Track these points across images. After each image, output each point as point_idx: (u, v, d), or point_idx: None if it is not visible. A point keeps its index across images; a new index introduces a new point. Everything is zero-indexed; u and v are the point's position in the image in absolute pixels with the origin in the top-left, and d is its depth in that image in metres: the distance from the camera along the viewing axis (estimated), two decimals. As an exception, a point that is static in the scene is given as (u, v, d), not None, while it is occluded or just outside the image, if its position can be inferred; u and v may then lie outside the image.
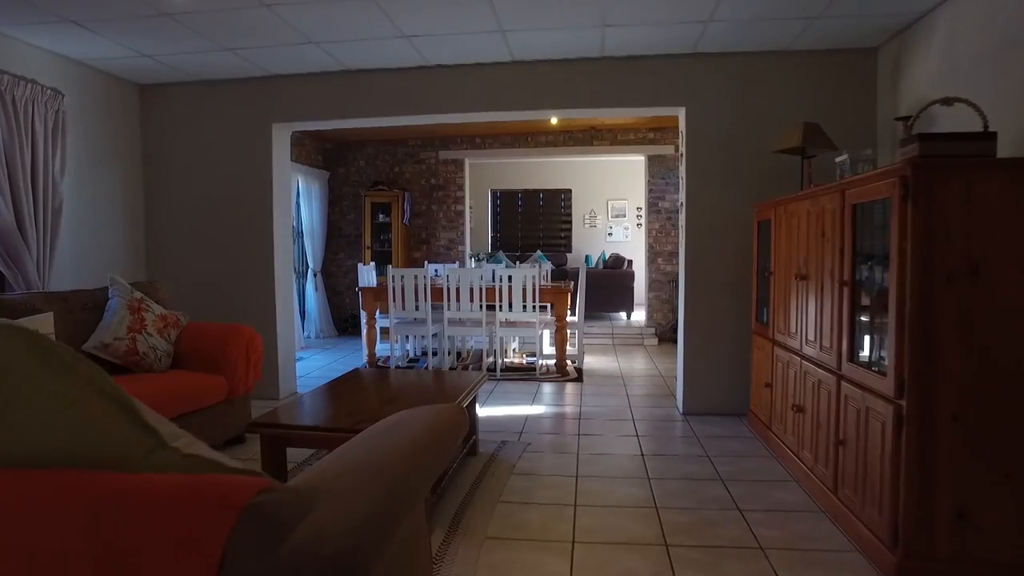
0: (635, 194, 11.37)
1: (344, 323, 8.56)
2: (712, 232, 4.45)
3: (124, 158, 4.93)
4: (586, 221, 11.65)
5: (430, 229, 8.53)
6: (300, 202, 7.93)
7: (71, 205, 4.38)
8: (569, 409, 4.72)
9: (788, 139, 3.82)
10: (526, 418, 4.46)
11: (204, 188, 5.05)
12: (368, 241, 8.30)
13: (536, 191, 11.84)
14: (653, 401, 4.95)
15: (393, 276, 5.82)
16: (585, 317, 8.86)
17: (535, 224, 11.91)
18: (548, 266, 7.05)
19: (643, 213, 8.32)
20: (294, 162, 7.72)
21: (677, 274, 8.03)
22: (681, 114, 4.57)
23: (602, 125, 7.89)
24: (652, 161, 8.07)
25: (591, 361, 6.68)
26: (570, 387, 5.48)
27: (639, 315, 9.12)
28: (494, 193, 11.94)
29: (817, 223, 2.94)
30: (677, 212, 8.01)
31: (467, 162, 8.45)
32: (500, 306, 5.71)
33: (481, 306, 5.72)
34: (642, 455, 3.64)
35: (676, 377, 4.82)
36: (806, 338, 3.08)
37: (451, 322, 5.94)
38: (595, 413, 4.59)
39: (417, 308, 5.81)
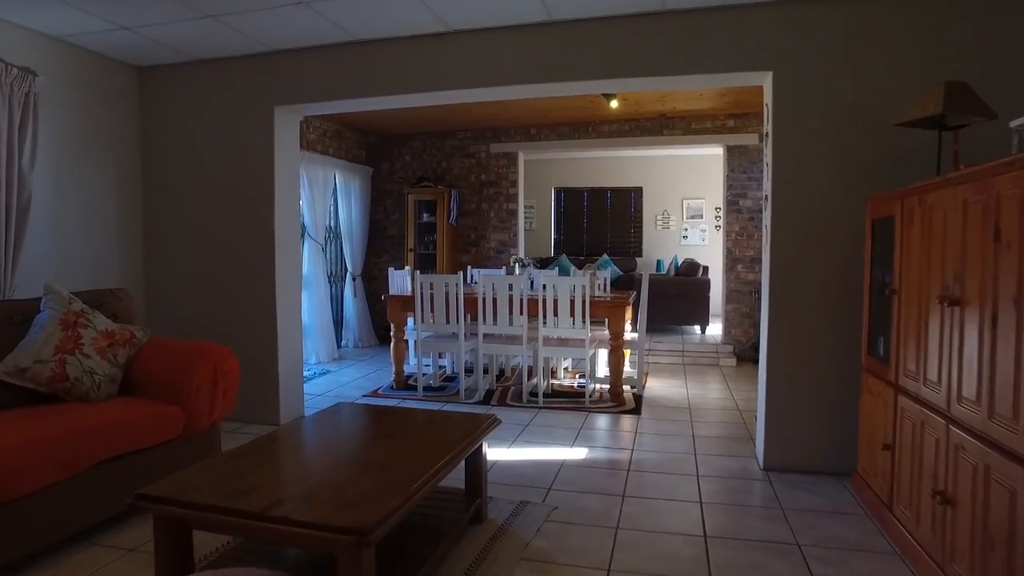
0: (714, 192, 10.18)
1: (386, 331, 7.91)
2: (807, 234, 3.40)
3: (117, 148, 4.42)
4: (658, 222, 10.56)
5: (480, 230, 7.76)
6: (338, 200, 7.35)
7: (47, 201, 3.88)
8: (617, 455, 3.78)
9: (921, 106, 2.73)
10: (561, 466, 3.57)
11: (203, 182, 4.47)
12: (411, 243, 7.63)
13: (603, 189, 10.86)
14: (726, 446, 3.93)
15: (422, 284, 5.07)
16: (653, 330, 7.85)
17: (602, 225, 10.94)
18: (606, 273, 6.10)
19: (721, 213, 7.20)
20: (332, 156, 7.15)
21: (760, 284, 6.88)
22: (767, 82, 3.55)
23: (673, 112, 6.85)
24: (732, 153, 6.95)
25: (654, 386, 5.68)
26: (625, 421, 4.52)
27: (715, 329, 7.98)
28: (558, 192, 11.06)
29: (983, 221, 1.90)
30: (761, 210, 6.86)
31: (521, 156, 7.62)
32: (544, 321, 4.84)
33: (522, 320, 4.87)
34: (704, 536, 2.67)
35: (757, 416, 3.79)
36: (958, 393, 2.04)
37: (487, 338, 5.12)
38: (650, 462, 3.63)
39: (448, 321, 5.03)
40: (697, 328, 8.03)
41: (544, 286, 4.80)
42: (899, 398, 2.53)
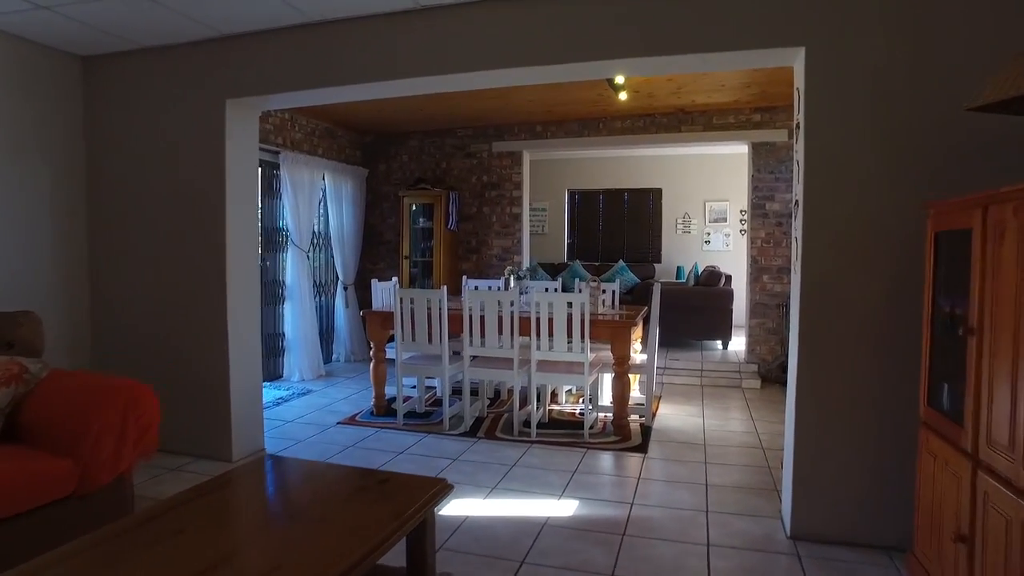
0: (739, 194, 9.45)
1: (381, 344, 7.39)
2: (846, 247, 2.74)
3: (55, 148, 3.93)
4: (679, 226, 9.87)
5: (481, 236, 7.18)
6: (328, 204, 6.84)
7: (-38, 207, 3.40)
8: (613, 511, 3.16)
9: (1006, 83, 2.07)
10: (543, 526, 2.96)
11: (150, 184, 3.96)
12: (406, 250, 7.08)
13: (620, 191, 10.21)
14: (745, 501, 3.28)
15: (401, 299, 4.50)
16: (670, 344, 7.18)
17: (618, 230, 10.28)
18: (614, 285, 5.47)
19: (746, 217, 6.51)
20: (322, 157, 6.64)
21: (788, 298, 6.18)
22: (797, 61, 2.91)
23: (691, 106, 6.19)
24: (757, 151, 6.27)
25: (666, 414, 5.03)
26: (628, 462, 3.90)
27: (738, 344, 7.28)
28: (571, 194, 10.43)
29: None
30: (790, 216, 6.16)
31: (525, 155, 7.02)
32: (537, 343, 4.24)
33: (513, 341, 4.27)
34: (714, 647, 2.05)
35: (784, 464, 3.14)
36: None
37: (474, 360, 4.54)
38: (651, 523, 3.01)
39: (432, 341, 4.46)
40: (719, 343, 7.34)
41: (538, 304, 4.19)
42: (980, 476, 1.88)
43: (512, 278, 4.89)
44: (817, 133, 2.78)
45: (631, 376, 4.52)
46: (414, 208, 7.11)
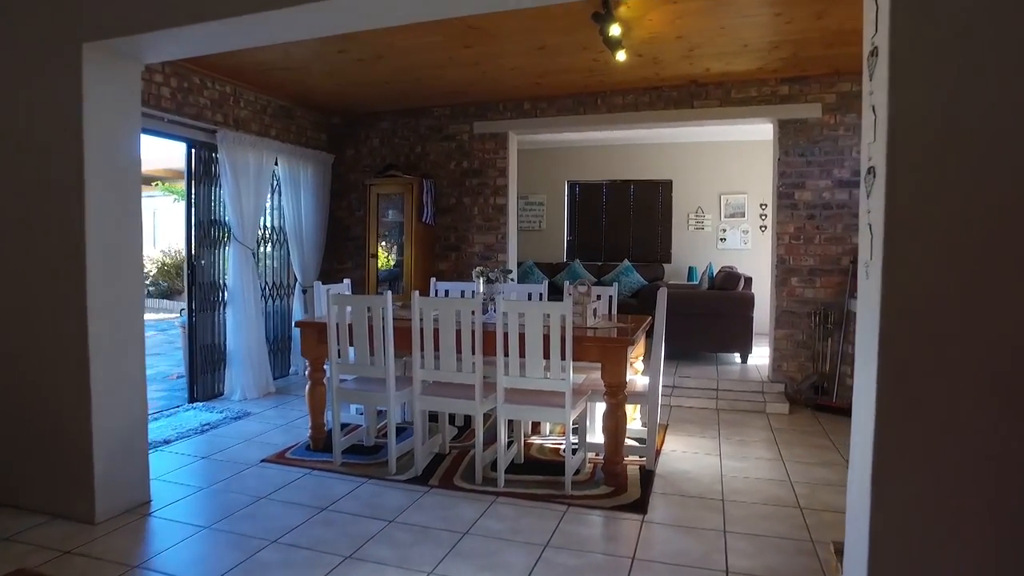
0: (759, 185, 8.44)
1: (348, 355, 6.45)
2: (966, 245, 1.73)
3: None
4: (691, 222, 8.86)
5: (460, 231, 6.22)
6: (282, 193, 5.91)
7: None
8: (594, 617, 2.19)
9: None
10: (486, 650, 2.00)
11: (-3, 159, 3.04)
12: (373, 247, 6.14)
13: (625, 183, 9.21)
14: (785, 601, 2.30)
15: (336, 307, 3.56)
16: (681, 357, 6.19)
17: (623, 226, 9.29)
18: (611, 290, 4.50)
19: (770, 209, 5.51)
20: (275, 140, 5.71)
21: (824, 305, 5.17)
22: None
23: (706, 76, 5.20)
24: (785, 130, 5.26)
25: (674, 450, 4.05)
26: (621, 528, 2.93)
27: (759, 357, 6.28)
28: (572, 186, 9.45)
29: None
30: (825, 207, 5.16)
31: (511, 137, 6.06)
32: (505, 367, 3.27)
33: (474, 363, 3.31)
34: None
35: (846, 558, 2.15)
36: None
37: (427, 387, 3.58)
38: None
39: (373, 361, 3.51)
40: (736, 356, 6.34)
41: (505, 315, 3.23)
42: None
43: (481, 281, 3.93)
44: (915, 55, 1.78)
45: (629, 406, 3.54)
46: (382, 198, 6.17)
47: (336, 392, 3.61)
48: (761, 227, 8.51)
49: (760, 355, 6.41)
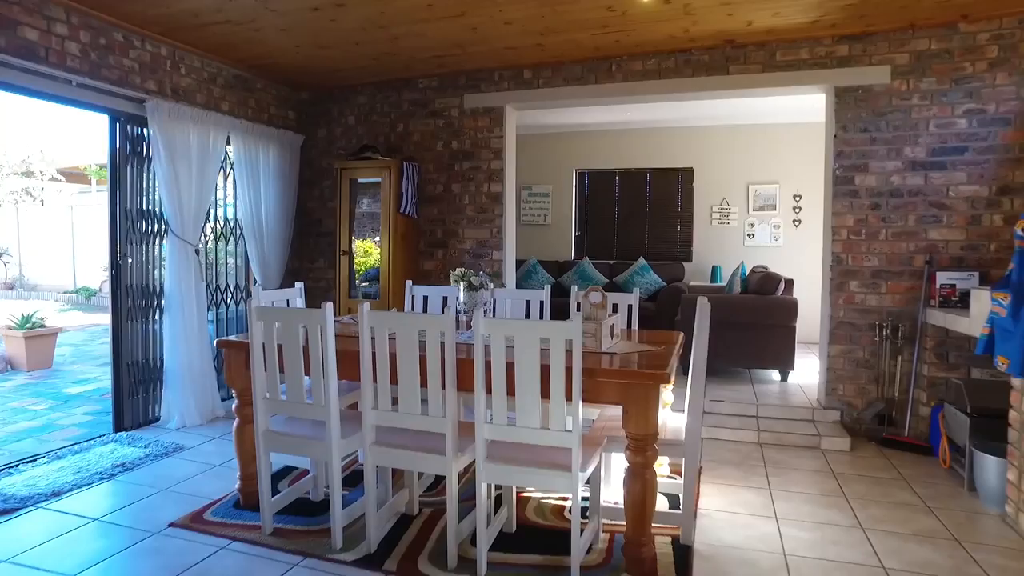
0: (792, 174, 7.45)
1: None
2: None
3: None
4: (714, 215, 7.87)
5: (448, 224, 5.28)
6: (238, 179, 4.99)
7: None
8: None
9: None
10: None
11: None
12: (345, 243, 5.20)
13: (641, 171, 8.23)
14: None
15: (260, 323, 2.62)
16: (709, 374, 5.20)
17: (639, 220, 8.32)
18: (630, 298, 3.55)
19: (825, 196, 4.53)
20: (227, 115, 4.78)
21: (891, 315, 4.19)
22: None
23: (746, 34, 4.23)
24: (844, 100, 4.28)
25: (715, 504, 3.11)
26: (652, 651, 1.98)
27: (803, 375, 5.32)
28: (580, 175, 8.49)
29: None
30: (893, 194, 4.17)
31: (509, 112, 5.11)
32: (489, 411, 2.33)
33: (445, 403, 2.37)
34: None
35: None
36: None
37: (382, 435, 2.62)
38: None
39: (312, 398, 2.57)
40: (775, 374, 5.38)
41: (487, 337, 2.28)
42: None
43: (462, 287, 2.98)
44: None
45: (657, 461, 2.58)
46: (357, 185, 5.23)
47: (263, 438, 2.68)
48: (795, 221, 7.52)
49: (804, 373, 5.45)
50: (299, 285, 3.71)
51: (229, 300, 5.05)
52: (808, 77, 4.33)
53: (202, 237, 4.67)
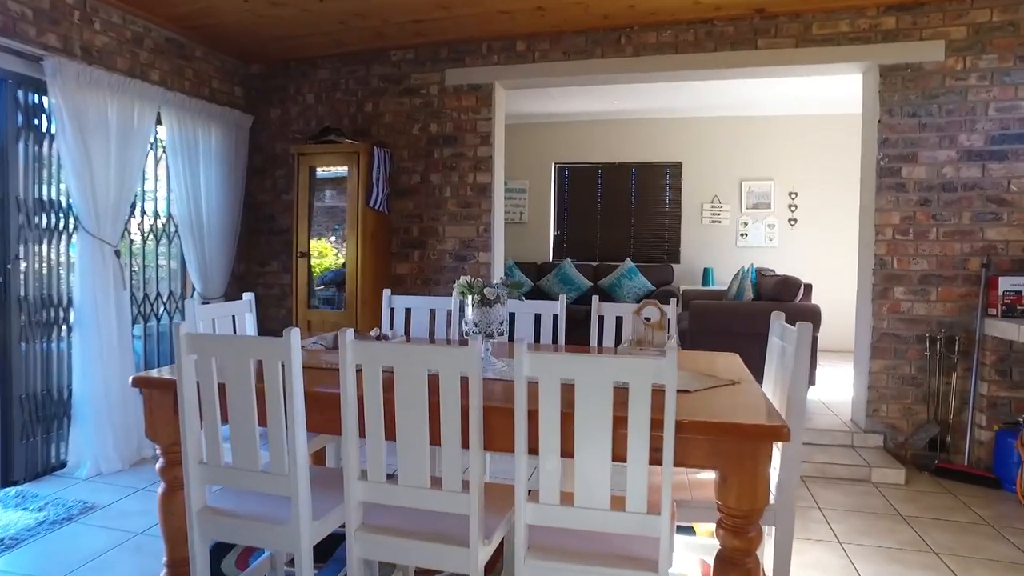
0: (787, 170, 6.98)
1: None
2: None
3: None
4: (705, 213, 7.34)
5: (427, 221, 4.53)
6: (172, 165, 4.11)
7: None
8: None
9: None
10: None
11: None
12: (304, 243, 4.38)
13: (626, 166, 7.64)
14: None
15: (193, 357, 1.83)
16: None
17: (623, 218, 7.72)
18: (669, 310, 2.88)
19: (863, 190, 3.98)
20: (157, 85, 3.90)
21: (943, 326, 3.64)
22: None
23: (777, 5, 3.64)
24: (889, 80, 3.73)
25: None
26: None
27: (826, 392, 4.79)
28: (560, 170, 7.84)
29: None
30: (945, 187, 3.63)
31: (499, 90, 4.39)
32: (537, 484, 1.61)
33: (467, 472, 1.65)
34: None
35: None
36: None
37: (371, 516, 1.85)
38: None
39: (272, 464, 1.80)
40: (796, 389, 4.81)
41: (531, 374, 1.56)
42: None
43: (470, 301, 2.24)
44: None
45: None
46: (318, 177, 4.42)
47: (198, 519, 1.88)
48: (791, 220, 7.05)
49: (826, 389, 4.92)
50: (248, 297, 2.90)
51: (161, 312, 4.17)
52: (848, 53, 3.77)
53: (125, 235, 3.80)
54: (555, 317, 3.08)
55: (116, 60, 3.68)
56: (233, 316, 2.80)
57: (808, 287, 4.94)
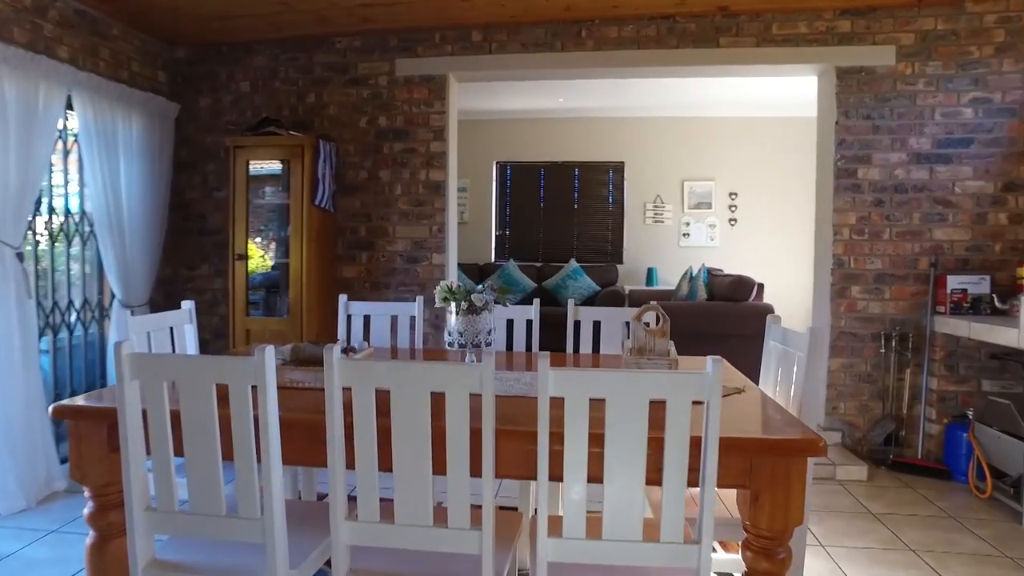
0: (727, 171, 7.11)
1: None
2: None
3: None
4: (648, 213, 7.37)
5: (376, 220, 4.25)
6: (85, 157, 3.64)
7: None
8: None
9: None
10: None
11: None
12: (241, 244, 3.99)
13: (568, 165, 7.56)
14: None
15: (135, 382, 1.52)
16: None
17: (565, 218, 7.64)
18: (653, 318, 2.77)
19: (819, 191, 4.03)
20: (66, 62, 3.43)
21: (896, 324, 3.74)
22: None
23: (739, 3, 3.62)
24: (846, 83, 3.79)
25: None
26: None
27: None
28: (501, 168, 7.67)
29: None
30: (897, 189, 3.73)
31: (452, 82, 4.17)
32: (559, 514, 1.42)
33: (486, 512, 1.44)
34: None
35: None
36: None
37: (361, 559, 1.60)
38: None
39: (239, 506, 1.52)
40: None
41: (556, 392, 1.37)
42: None
43: (454, 308, 2.03)
44: None
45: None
46: (256, 176, 4.04)
47: None
48: (731, 220, 7.18)
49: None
50: (188, 306, 2.56)
51: (74, 322, 3.68)
52: (807, 55, 3.80)
53: (29, 236, 3.32)
54: (528, 324, 2.90)
55: (12, 31, 3.20)
56: (171, 328, 2.45)
57: (761, 287, 4.99)
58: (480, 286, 2.10)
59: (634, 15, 3.84)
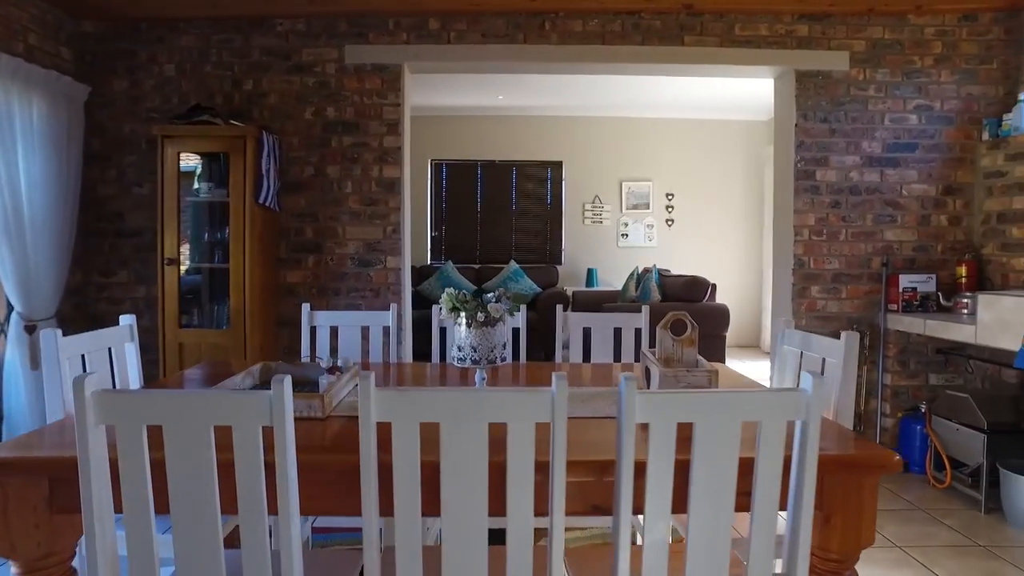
0: (664, 171, 7.20)
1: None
2: None
3: None
4: (586, 214, 7.34)
5: (323, 220, 3.90)
6: (-25, 144, 3.08)
7: None
8: None
9: None
10: None
11: None
12: (171, 247, 3.53)
13: (506, 165, 7.41)
14: None
15: (96, 422, 1.20)
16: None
17: (503, 219, 7.49)
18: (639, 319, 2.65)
19: (777, 192, 4.09)
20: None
21: (853, 322, 3.87)
22: None
23: (704, 2, 3.60)
24: (804, 85, 3.85)
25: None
26: None
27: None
28: (437, 167, 7.40)
29: None
30: (852, 191, 3.84)
31: (406, 72, 3.90)
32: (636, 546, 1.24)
33: (553, 558, 1.23)
34: None
35: None
36: None
37: None
38: None
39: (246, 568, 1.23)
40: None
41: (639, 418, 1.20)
42: None
43: (464, 320, 1.80)
44: None
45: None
46: (188, 164, 3.59)
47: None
48: (668, 221, 7.29)
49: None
50: (128, 321, 2.17)
51: (-39, 340, 3.11)
52: (768, 56, 3.83)
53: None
54: (515, 332, 2.70)
55: None
56: (110, 349, 2.06)
57: (714, 287, 5.04)
58: (491, 294, 1.89)
59: (599, 8, 3.73)
